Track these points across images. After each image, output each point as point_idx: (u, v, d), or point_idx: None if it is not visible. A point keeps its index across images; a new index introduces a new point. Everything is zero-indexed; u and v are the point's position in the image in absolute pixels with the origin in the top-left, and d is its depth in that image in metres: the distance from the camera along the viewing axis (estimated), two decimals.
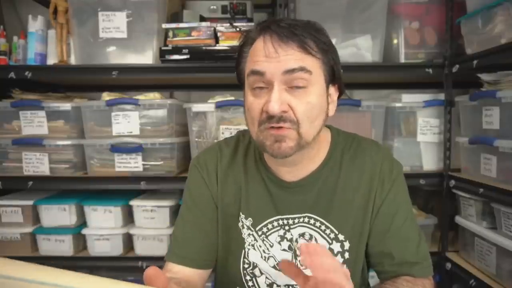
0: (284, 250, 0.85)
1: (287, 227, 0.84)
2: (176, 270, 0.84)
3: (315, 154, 0.84)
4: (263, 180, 0.86)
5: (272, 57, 0.73)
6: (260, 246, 0.85)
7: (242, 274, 0.88)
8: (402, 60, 1.60)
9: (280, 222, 0.85)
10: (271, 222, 0.85)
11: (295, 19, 0.82)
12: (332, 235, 0.83)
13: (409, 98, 1.63)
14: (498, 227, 1.34)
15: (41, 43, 1.64)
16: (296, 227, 0.84)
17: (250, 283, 0.88)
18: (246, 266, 0.87)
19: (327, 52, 0.77)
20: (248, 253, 0.87)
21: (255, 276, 0.87)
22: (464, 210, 1.54)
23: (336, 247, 0.83)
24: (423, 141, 1.64)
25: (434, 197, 1.79)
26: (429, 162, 1.64)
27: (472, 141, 1.44)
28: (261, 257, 0.85)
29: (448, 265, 1.59)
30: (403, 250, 0.82)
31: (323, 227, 0.83)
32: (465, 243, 1.55)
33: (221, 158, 0.90)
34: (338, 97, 0.84)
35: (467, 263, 1.52)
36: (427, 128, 1.63)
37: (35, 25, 1.62)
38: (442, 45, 1.58)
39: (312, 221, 0.84)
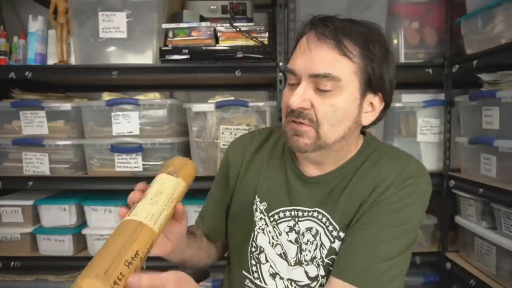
0: (290, 241, 0.85)
1: (296, 219, 0.85)
2: None
3: (342, 158, 0.84)
4: (284, 170, 0.89)
5: (304, 55, 0.75)
6: (270, 232, 0.87)
7: (249, 258, 0.89)
8: (402, 60, 1.61)
9: (293, 213, 0.86)
10: (283, 211, 0.86)
11: (354, 19, 0.79)
12: (334, 233, 0.82)
13: (409, 98, 1.63)
14: (498, 227, 1.34)
15: (41, 43, 1.64)
16: (304, 220, 0.85)
17: (254, 268, 0.88)
18: (253, 249, 0.89)
19: (369, 59, 0.75)
20: (257, 236, 0.88)
21: (260, 262, 0.88)
22: (464, 210, 1.54)
23: (337, 245, 0.81)
24: (423, 141, 1.64)
25: (434, 197, 1.78)
26: (429, 162, 1.64)
27: (472, 141, 1.44)
28: (269, 242, 0.87)
29: (448, 265, 1.59)
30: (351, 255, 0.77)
31: (327, 223, 0.83)
32: (465, 243, 1.55)
33: (251, 143, 0.96)
34: (384, 110, 0.82)
35: (467, 263, 1.52)
36: (427, 128, 1.63)
37: (35, 25, 1.62)
38: (442, 45, 1.59)
39: (320, 216, 0.83)
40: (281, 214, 0.86)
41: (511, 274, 1.28)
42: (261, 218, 0.88)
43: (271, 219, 0.87)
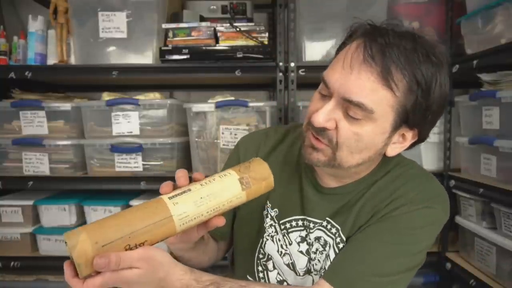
0: (301, 252, 0.82)
1: (308, 229, 0.82)
2: None
3: (359, 175, 0.80)
4: (299, 177, 0.84)
5: (343, 72, 0.67)
6: (279, 240, 0.83)
7: (255, 264, 0.87)
8: None
9: (305, 223, 0.82)
10: (295, 220, 0.83)
11: (414, 33, 0.70)
12: (340, 245, 0.79)
13: None
14: (498, 227, 1.35)
15: (41, 43, 1.64)
16: (315, 230, 0.81)
17: (261, 275, 0.86)
18: (260, 256, 0.86)
19: (415, 95, 0.67)
20: (265, 243, 0.85)
21: (267, 269, 0.86)
22: (464, 210, 1.54)
23: None
24: None
25: None
26: (429, 162, 1.64)
27: (472, 141, 1.44)
28: (278, 251, 0.84)
29: (448, 265, 1.59)
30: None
31: (337, 235, 0.79)
32: (465, 243, 1.55)
33: (265, 143, 0.90)
34: (415, 143, 0.77)
35: (467, 263, 1.52)
36: None
37: (35, 25, 1.62)
38: (442, 45, 1.58)
39: (329, 226, 0.80)
40: (293, 223, 0.83)
41: (511, 274, 1.28)
42: (271, 225, 0.85)
43: (282, 227, 0.84)
